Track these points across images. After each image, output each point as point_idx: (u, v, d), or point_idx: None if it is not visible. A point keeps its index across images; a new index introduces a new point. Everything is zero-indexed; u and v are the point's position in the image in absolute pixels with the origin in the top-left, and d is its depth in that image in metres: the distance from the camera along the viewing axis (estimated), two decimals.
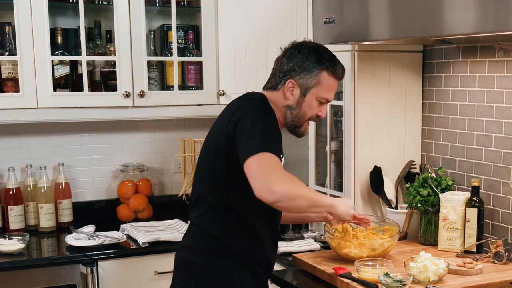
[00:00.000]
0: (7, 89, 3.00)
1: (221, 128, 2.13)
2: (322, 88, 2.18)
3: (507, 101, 2.48)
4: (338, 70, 2.20)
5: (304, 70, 2.16)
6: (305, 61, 2.17)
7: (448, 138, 2.78)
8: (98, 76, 3.21)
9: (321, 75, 2.17)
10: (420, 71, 2.88)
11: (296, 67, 2.17)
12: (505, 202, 2.52)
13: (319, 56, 2.18)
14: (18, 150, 3.27)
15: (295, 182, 2.03)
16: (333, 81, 2.21)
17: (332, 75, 2.19)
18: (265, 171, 1.97)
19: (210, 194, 2.18)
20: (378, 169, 2.78)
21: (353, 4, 2.41)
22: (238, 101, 2.19)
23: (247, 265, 2.18)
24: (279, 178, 1.97)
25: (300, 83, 2.17)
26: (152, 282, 2.90)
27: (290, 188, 1.99)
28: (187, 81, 3.34)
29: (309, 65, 2.16)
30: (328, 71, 2.17)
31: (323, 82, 2.18)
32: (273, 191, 1.94)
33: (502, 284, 2.19)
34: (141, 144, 3.50)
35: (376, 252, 2.37)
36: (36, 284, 2.74)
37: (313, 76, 2.16)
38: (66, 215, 3.24)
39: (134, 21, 3.07)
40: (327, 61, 2.18)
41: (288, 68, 2.18)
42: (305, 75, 2.16)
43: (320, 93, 2.19)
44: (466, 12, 1.98)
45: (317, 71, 2.16)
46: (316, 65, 2.16)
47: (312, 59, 2.17)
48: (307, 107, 2.20)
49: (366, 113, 2.76)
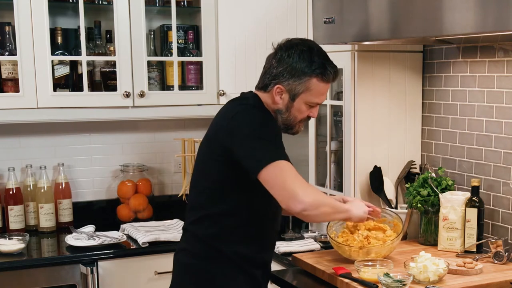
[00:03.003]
0: (7, 89, 2.99)
1: (217, 135, 2.13)
2: (312, 94, 2.13)
3: (507, 101, 2.48)
4: (328, 76, 2.13)
5: (293, 77, 2.10)
6: (294, 67, 2.10)
7: (448, 138, 2.78)
8: (98, 76, 3.21)
9: (310, 82, 2.11)
10: (420, 71, 2.88)
11: (285, 72, 2.11)
12: (505, 202, 2.52)
13: (309, 62, 2.10)
14: (18, 150, 3.27)
15: (316, 190, 2.08)
16: (324, 86, 2.15)
17: (322, 81, 2.13)
18: (287, 181, 1.98)
19: (205, 200, 2.18)
20: (378, 169, 2.78)
21: (353, 4, 2.41)
22: (233, 106, 2.17)
23: (243, 269, 2.18)
24: (303, 188, 1.99)
25: (289, 88, 2.12)
26: (152, 282, 2.90)
27: (315, 196, 2.02)
28: (187, 81, 3.34)
29: (298, 72, 2.10)
30: (318, 77, 2.11)
31: (312, 88, 2.13)
32: (300, 201, 1.97)
33: (502, 284, 2.19)
34: (141, 144, 3.50)
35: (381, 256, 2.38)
36: (36, 284, 2.75)
37: (302, 83, 2.11)
38: (66, 215, 3.24)
39: (134, 21, 3.07)
40: (317, 67, 2.11)
41: (277, 72, 2.12)
42: (293, 81, 2.11)
43: (309, 98, 2.14)
44: (466, 12, 1.98)
45: (306, 78, 2.11)
46: (306, 71, 2.10)
47: (302, 65, 2.10)
48: (296, 112, 2.16)
49: (366, 113, 2.76)
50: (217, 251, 2.16)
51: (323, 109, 2.95)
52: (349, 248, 2.36)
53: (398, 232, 2.43)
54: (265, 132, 2.05)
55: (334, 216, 2.19)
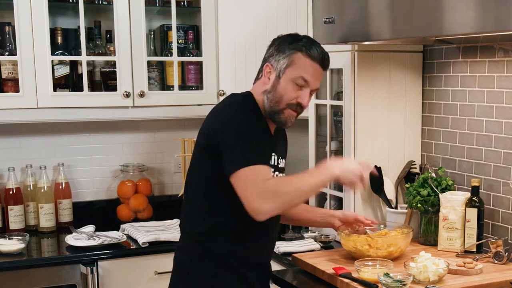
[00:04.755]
0: (7, 89, 3.00)
1: (204, 132, 2.15)
2: (296, 68, 2.11)
3: (507, 101, 2.48)
4: (313, 52, 2.12)
5: (279, 52, 2.14)
6: (281, 44, 2.15)
7: (448, 138, 2.78)
8: (98, 76, 3.21)
9: (294, 55, 2.12)
10: (420, 71, 2.88)
11: (274, 51, 2.16)
12: (505, 202, 2.52)
13: (295, 38, 2.15)
14: (18, 150, 3.27)
15: (279, 186, 2.01)
16: (310, 64, 2.12)
17: (307, 56, 2.11)
18: (246, 193, 1.97)
19: (197, 199, 2.18)
20: (378, 169, 2.77)
21: (353, 4, 2.41)
22: (220, 103, 2.21)
23: (233, 269, 2.16)
24: (262, 196, 1.96)
25: (276, 66, 2.14)
26: (152, 282, 2.90)
27: (275, 198, 1.97)
28: (187, 81, 3.34)
29: (283, 47, 2.14)
30: (301, 51, 2.11)
31: (296, 62, 2.12)
32: (259, 212, 1.97)
33: (502, 284, 2.19)
34: (141, 144, 3.50)
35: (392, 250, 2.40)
36: (36, 284, 2.75)
37: (286, 57, 2.12)
38: (66, 215, 3.24)
39: (134, 21, 3.07)
40: (303, 44, 2.13)
41: (268, 54, 2.18)
42: (279, 57, 2.13)
43: (294, 73, 2.11)
44: (466, 12, 1.98)
45: (290, 52, 2.12)
46: (290, 46, 2.13)
47: (288, 41, 2.15)
48: (282, 90, 2.12)
49: (366, 113, 2.76)
50: (208, 249, 2.15)
51: (323, 109, 2.96)
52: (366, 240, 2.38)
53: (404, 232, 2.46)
54: (243, 131, 2.04)
55: (313, 193, 2.19)
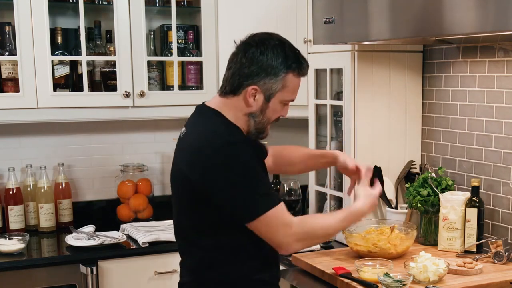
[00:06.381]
0: (7, 89, 2.99)
1: (186, 174, 1.98)
2: (288, 90, 1.99)
3: (507, 101, 2.48)
4: (304, 70, 2.01)
5: (269, 75, 1.95)
6: (270, 64, 1.95)
7: (448, 138, 2.78)
8: (98, 76, 3.21)
9: (287, 78, 1.97)
10: (420, 71, 2.88)
11: (259, 71, 1.95)
12: (505, 202, 2.52)
13: (284, 57, 1.96)
14: (18, 150, 3.27)
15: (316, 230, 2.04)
16: (298, 81, 2.02)
17: (298, 76, 2.01)
18: (272, 236, 1.96)
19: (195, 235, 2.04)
20: (378, 169, 2.77)
21: (353, 4, 2.41)
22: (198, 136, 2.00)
23: None
24: (291, 239, 1.97)
25: (264, 88, 1.96)
26: (152, 282, 2.90)
27: (310, 241, 2.05)
28: (187, 81, 3.34)
29: (274, 69, 1.95)
30: (294, 72, 1.98)
31: (288, 85, 1.98)
32: (290, 250, 2.02)
33: (502, 284, 2.20)
34: (141, 144, 3.50)
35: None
36: (36, 284, 2.74)
37: (279, 81, 1.96)
38: (66, 215, 3.24)
39: (134, 21, 3.07)
40: (293, 61, 1.98)
41: (250, 72, 1.95)
42: (270, 79, 1.95)
43: (285, 96, 2.00)
44: (466, 12, 1.98)
45: (283, 74, 1.96)
46: (282, 68, 1.95)
47: (277, 62, 1.95)
48: (271, 113, 2.01)
49: (366, 113, 2.76)
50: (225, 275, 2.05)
51: (323, 109, 2.96)
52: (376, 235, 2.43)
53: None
54: (245, 173, 1.91)
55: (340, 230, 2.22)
